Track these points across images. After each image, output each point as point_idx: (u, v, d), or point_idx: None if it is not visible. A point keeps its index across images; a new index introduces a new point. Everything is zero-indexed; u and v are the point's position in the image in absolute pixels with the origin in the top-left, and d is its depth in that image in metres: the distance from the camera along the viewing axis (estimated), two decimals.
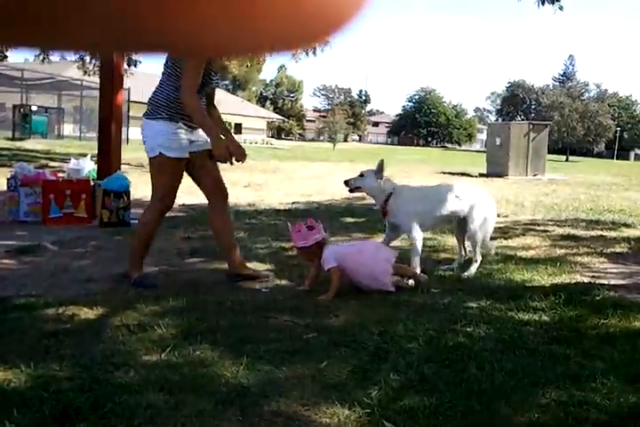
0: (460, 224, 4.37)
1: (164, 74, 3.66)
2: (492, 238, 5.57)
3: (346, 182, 4.15)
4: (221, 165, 3.84)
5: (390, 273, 3.63)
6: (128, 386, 2.21)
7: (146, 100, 3.77)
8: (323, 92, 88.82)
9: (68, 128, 26.07)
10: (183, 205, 7.50)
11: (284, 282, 3.92)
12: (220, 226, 3.90)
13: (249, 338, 2.76)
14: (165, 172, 3.64)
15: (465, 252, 4.50)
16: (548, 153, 18.31)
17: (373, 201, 4.26)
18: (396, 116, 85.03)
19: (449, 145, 78.23)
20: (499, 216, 7.46)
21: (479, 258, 4.26)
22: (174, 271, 4.10)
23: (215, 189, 3.87)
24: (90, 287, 3.61)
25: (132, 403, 2.07)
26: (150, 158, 3.68)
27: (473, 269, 4.22)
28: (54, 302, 3.24)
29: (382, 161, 4.11)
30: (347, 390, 2.25)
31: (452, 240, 4.95)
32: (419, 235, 4.06)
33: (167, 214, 6.91)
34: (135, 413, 2.01)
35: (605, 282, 4.10)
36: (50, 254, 4.56)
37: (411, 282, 3.81)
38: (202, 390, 2.21)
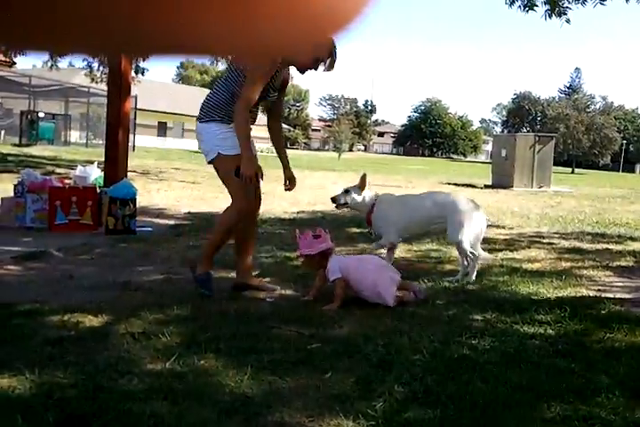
0: None
1: (223, 78, 3.71)
2: (497, 250, 5.58)
3: (333, 199, 4.34)
4: None
5: (394, 294, 3.58)
6: (132, 394, 2.21)
7: (152, 108, 3.80)
8: (328, 102, 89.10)
9: (75, 135, 26.16)
10: (189, 212, 7.52)
11: (288, 292, 3.91)
12: (243, 234, 3.90)
13: (253, 348, 2.76)
14: (231, 170, 3.62)
15: (468, 262, 4.50)
16: (554, 165, 18.33)
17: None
18: (402, 126, 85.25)
19: (454, 156, 78.26)
20: (504, 228, 7.47)
21: (473, 263, 4.29)
22: (179, 280, 4.10)
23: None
24: (95, 294, 3.61)
25: (136, 411, 2.07)
26: (211, 163, 3.71)
27: (472, 275, 4.28)
28: (59, 308, 3.25)
29: (364, 175, 4.33)
30: (351, 402, 2.24)
31: (457, 252, 4.93)
32: (391, 238, 4.26)
33: (172, 222, 6.89)
34: (139, 421, 2.01)
35: (611, 296, 4.09)
36: (55, 261, 4.57)
37: (412, 295, 3.77)
38: (205, 400, 2.21)
